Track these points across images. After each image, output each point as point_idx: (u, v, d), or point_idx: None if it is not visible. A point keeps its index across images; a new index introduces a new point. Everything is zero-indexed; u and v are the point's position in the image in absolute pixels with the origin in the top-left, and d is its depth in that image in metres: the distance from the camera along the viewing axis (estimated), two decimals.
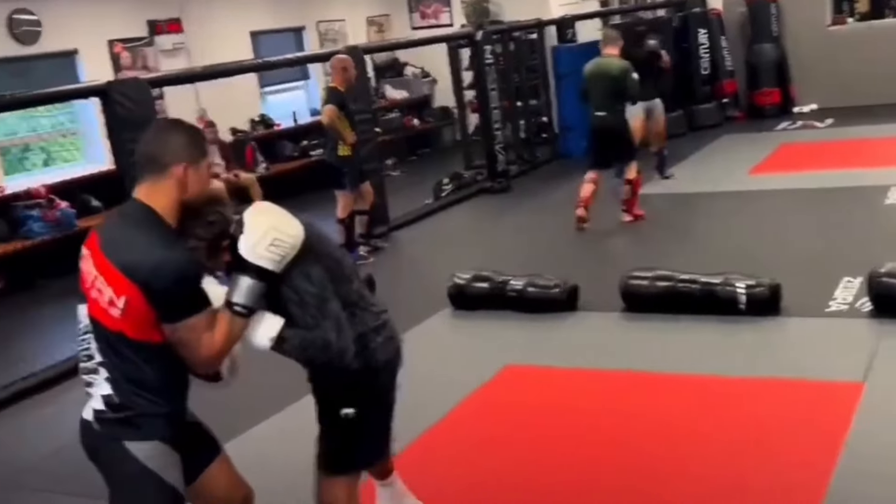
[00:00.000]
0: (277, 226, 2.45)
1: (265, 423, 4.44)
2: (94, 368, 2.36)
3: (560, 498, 3.47)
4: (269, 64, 8.53)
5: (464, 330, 5.52)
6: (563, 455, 3.77)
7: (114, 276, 2.26)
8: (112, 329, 2.29)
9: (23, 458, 4.51)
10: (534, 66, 11.17)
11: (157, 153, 2.36)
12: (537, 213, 8.48)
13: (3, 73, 8.42)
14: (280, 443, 4.17)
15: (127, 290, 2.25)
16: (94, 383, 2.35)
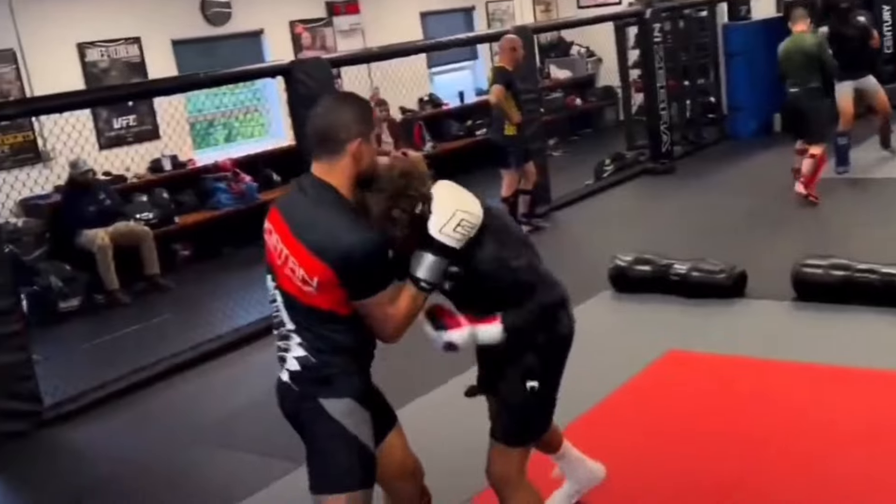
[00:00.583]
0: (463, 206, 2.54)
1: (433, 392, 4.62)
2: (287, 335, 2.48)
3: (718, 487, 3.42)
4: (441, 44, 8.73)
5: (625, 313, 5.52)
6: (722, 444, 3.71)
7: (306, 258, 2.35)
8: (305, 303, 2.40)
9: (206, 415, 4.82)
10: (703, 44, 10.91)
11: (333, 130, 2.41)
12: (703, 195, 8.33)
13: (193, 52, 9.00)
14: (447, 412, 4.35)
15: (321, 272, 2.33)
16: (289, 348, 2.48)
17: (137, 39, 8.54)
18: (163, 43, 8.70)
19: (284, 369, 2.50)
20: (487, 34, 10.24)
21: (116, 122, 8.36)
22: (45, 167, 7.51)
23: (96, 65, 8.26)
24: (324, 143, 2.44)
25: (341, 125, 2.43)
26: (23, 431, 4.74)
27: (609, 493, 3.40)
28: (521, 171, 7.40)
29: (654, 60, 9.47)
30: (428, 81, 11.40)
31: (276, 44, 9.59)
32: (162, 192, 8.18)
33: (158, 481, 4.17)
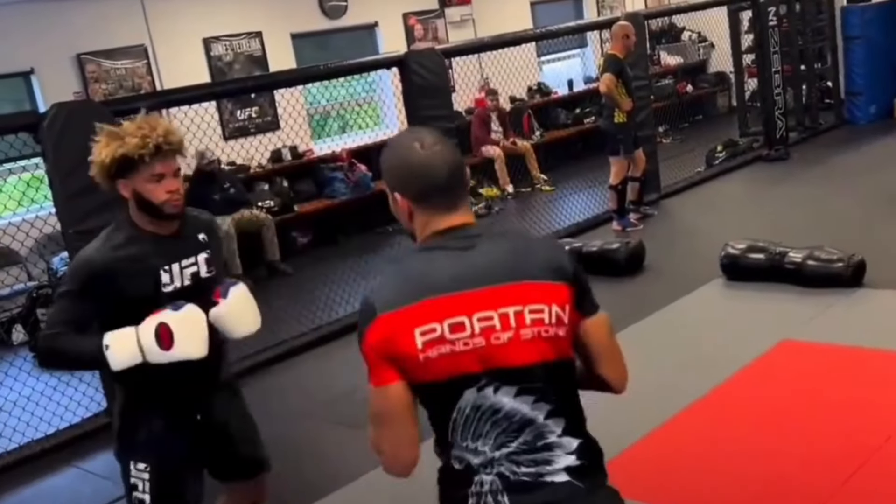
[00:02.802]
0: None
1: None
2: (542, 432, 1.82)
3: (828, 485, 3.35)
4: (551, 32, 8.76)
5: (737, 301, 5.48)
6: (836, 439, 3.65)
7: (547, 288, 1.79)
8: (560, 357, 1.83)
9: (321, 394, 5.03)
10: (820, 27, 10.62)
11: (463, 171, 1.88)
12: (819, 183, 8.15)
13: (310, 45, 9.31)
14: None
15: (565, 294, 1.81)
16: (550, 450, 1.82)
17: (259, 34, 8.90)
18: (283, 37, 9.04)
19: (551, 480, 1.79)
20: (598, 22, 10.23)
21: (240, 113, 8.75)
22: None
23: (221, 58, 8.66)
24: (462, 186, 1.86)
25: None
26: None
27: (715, 487, 3.42)
28: (630, 158, 7.41)
29: (769, 45, 9.30)
30: (537, 70, 11.45)
31: (389, 36, 9.82)
32: (282, 181, 8.51)
33: (276, 455, 4.38)
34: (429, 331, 1.71)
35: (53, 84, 7.43)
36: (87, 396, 5.21)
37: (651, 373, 4.54)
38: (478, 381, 1.74)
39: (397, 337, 1.72)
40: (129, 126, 2.50)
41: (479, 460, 1.76)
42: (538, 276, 1.78)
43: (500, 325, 1.73)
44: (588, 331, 1.87)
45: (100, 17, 7.86)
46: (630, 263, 6.25)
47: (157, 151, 2.47)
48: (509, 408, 1.75)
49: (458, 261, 1.77)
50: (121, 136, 2.48)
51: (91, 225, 4.77)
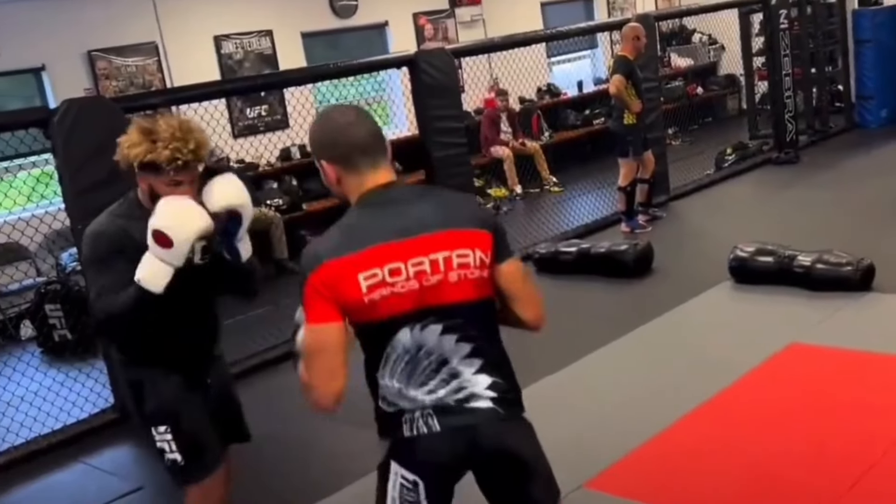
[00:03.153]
0: None
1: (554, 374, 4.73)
2: (456, 372, 2.09)
3: (835, 489, 3.34)
4: (562, 33, 8.75)
5: (746, 304, 5.47)
6: (843, 443, 3.63)
7: (471, 235, 2.04)
8: (482, 297, 2.09)
9: None
10: (831, 31, 10.60)
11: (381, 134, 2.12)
12: (829, 186, 8.12)
13: (320, 44, 9.32)
14: (560, 396, 4.46)
15: (487, 241, 2.06)
16: (465, 385, 2.09)
17: (269, 32, 8.92)
18: (293, 35, 9.06)
19: (470, 407, 2.05)
20: (608, 23, 10.21)
21: (249, 111, 8.77)
22: None
23: (231, 56, 8.68)
24: (382, 148, 2.09)
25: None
26: None
27: (722, 489, 3.42)
28: (639, 160, 7.40)
29: (779, 47, 9.28)
30: (547, 71, 11.45)
31: (399, 35, 9.83)
32: (291, 180, 8.52)
33: (283, 453, 4.40)
34: (371, 276, 1.96)
35: (64, 80, 7.45)
36: (95, 392, 5.23)
37: (659, 375, 4.55)
38: (411, 320, 1.99)
39: (343, 281, 1.95)
40: (164, 131, 2.53)
41: (407, 404, 2.03)
42: (465, 224, 2.04)
43: (430, 269, 1.99)
44: (504, 274, 2.11)
45: (111, 14, 7.89)
46: (638, 265, 6.25)
47: (185, 166, 2.55)
48: (432, 345, 2.01)
49: (394, 213, 2.02)
50: (154, 138, 2.53)
51: None
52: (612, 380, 4.62)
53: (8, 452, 4.71)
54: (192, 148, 2.55)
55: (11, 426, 4.93)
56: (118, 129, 4.85)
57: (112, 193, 4.74)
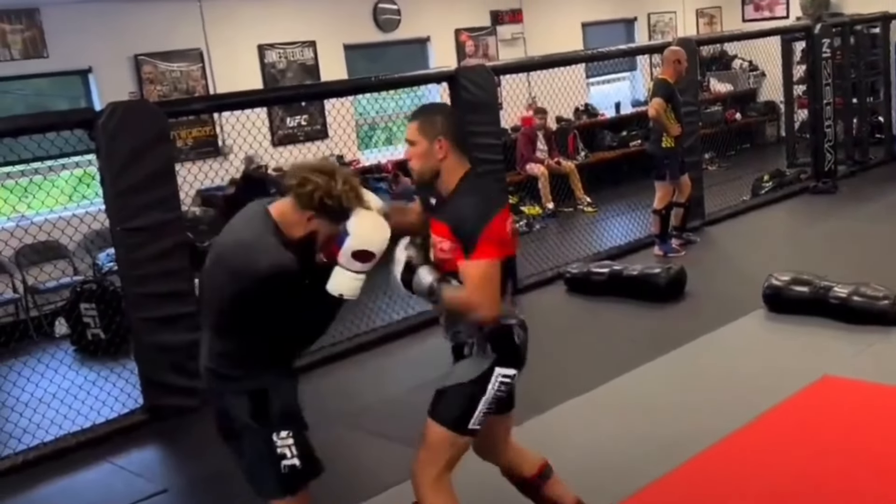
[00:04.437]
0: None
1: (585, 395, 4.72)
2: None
3: None
4: (602, 54, 8.77)
5: (779, 333, 5.42)
6: (872, 479, 3.59)
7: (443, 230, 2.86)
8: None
9: (359, 402, 5.02)
10: (874, 61, 10.51)
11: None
12: (867, 217, 8.04)
13: (361, 57, 9.40)
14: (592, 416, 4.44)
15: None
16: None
17: (313, 43, 9.00)
18: (336, 47, 9.15)
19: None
20: (649, 45, 10.20)
21: (290, 121, 8.84)
22: (223, 161, 8.03)
23: (274, 66, 8.77)
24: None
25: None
26: (192, 406, 5.01)
27: None
28: (676, 183, 7.37)
29: (821, 76, 9.22)
30: (585, 91, 11.44)
31: (440, 51, 9.89)
32: None
33: None
34: (509, 223, 2.78)
35: (110, 83, 7.57)
36: (125, 392, 5.28)
37: (689, 401, 4.52)
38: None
39: (503, 228, 2.72)
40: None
41: (514, 321, 2.84)
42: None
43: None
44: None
45: (158, 20, 8.01)
46: (671, 289, 6.21)
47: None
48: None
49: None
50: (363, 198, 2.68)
51: (139, 223, 4.87)
52: (642, 404, 4.58)
53: (37, 448, 4.76)
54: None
55: (42, 423, 4.99)
56: (161, 133, 5.00)
57: (151, 196, 4.89)
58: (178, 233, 5.14)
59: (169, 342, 5.03)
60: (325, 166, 2.65)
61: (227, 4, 8.38)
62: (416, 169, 2.80)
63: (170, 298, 5.04)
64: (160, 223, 4.97)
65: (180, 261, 5.11)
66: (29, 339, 6.87)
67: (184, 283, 5.13)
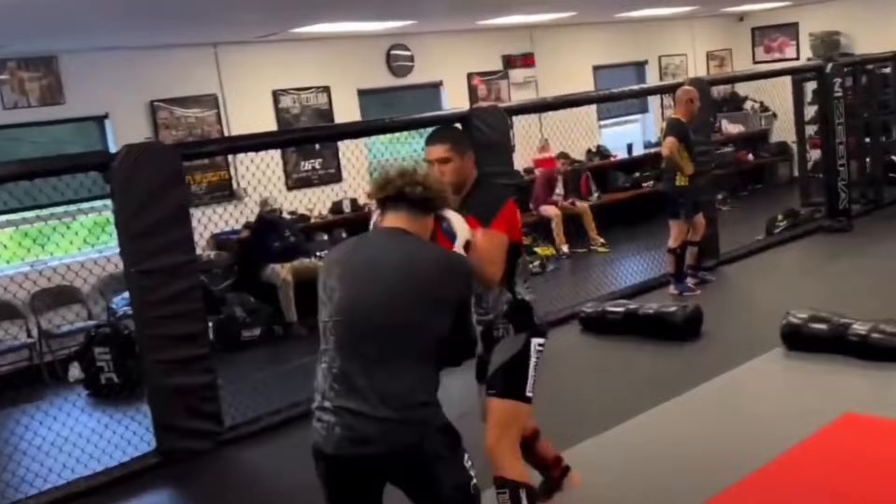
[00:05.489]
0: None
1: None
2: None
3: None
4: (614, 95, 8.81)
5: (799, 372, 5.36)
6: None
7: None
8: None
9: None
10: (886, 101, 10.52)
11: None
12: (882, 255, 7.97)
13: (375, 102, 9.48)
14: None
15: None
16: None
17: (327, 88, 9.09)
18: (350, 92, 9.22)
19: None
20: (660, 86, 10.26)
21: (304, 164, 8.89)
22: (237, 205, 8.07)
23: (289, 111, 8.84)
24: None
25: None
26: (205, 449, 5.04)
27: None
28: (690, 222, 7.35)
29: (833, 116, 9.21)
30: (597, 133, 11.48)
31: (453, 95, 9.96)
32: (341, 233, 8.58)
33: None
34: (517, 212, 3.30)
35: (126, 129, 7.64)
36: (138, 436, 5.25)
37: (707, 441, 4.45)
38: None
39: (514, 212, 3.26)
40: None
41: (536, 297, 3.42)
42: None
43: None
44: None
45: (174, 66, 8.10)
46: (687, 328, 6.16)
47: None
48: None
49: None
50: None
51: (153, 265, 4.88)
52: (659, 445, 4.52)
53: (49, 493, 4.72)
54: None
55: (54, 467, 4.97)
56: (176, 174, 5.03)
57: (165, 238, 4.90)
58: (192, 275, 5.15)
59: (182, 385, 5.01)
60: (408, 170, 2.70)
61: (243, 50, 8.48)
62: (452, 181, 3.14)
63: (184, 341, 5.03)
64: (174, 266, 4.97)
65: (194, 303, 5.11)
66: (43, 384, 6.86)
67: (197, 326, 5.13)
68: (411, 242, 2.61)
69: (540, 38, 10.86)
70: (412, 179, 2.62)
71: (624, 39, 11.88)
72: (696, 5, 10.98)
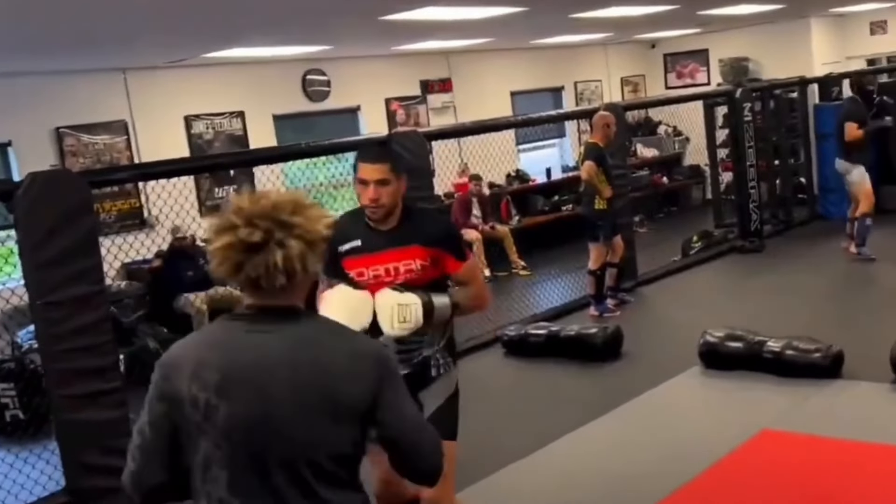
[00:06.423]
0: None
1: None
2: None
3: None
4: (532, 120, 8.89)
5: (716, 389, 5.43)
6: None
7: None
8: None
9: None
10: (793, 124, 10.86)
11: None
12: (794, 273, 8.20)
13: (291, 127, 9.38)
14: None
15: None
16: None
17: (241, 113, 8.95)
18: (265, 117, 9.10)
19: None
20: (577, 111, 10.40)
21: (218, 191, 8.72)
22: (148, 233, 7.86)
23: (201, 136, 8.67)
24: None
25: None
26: (117, 487, 4.85)
27: None
28: (609, 244, 7.43)
29: (744, 139, 9.46)
30: (516, 157, 11.57)
31: (371, 120, 9.92)
32: None
33: None
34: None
35: (30, 157, 7.37)
36: (45, 475, 5.02)
37: (629, 461, 4.46)
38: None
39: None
40: None
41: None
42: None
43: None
44: None
45: (81, 91, 7.87)
46: (608, 348, 6.20)
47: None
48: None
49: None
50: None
51: (60, 296, 4.68)
52: (582, 466, 4.51)
53: None
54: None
55: None
56: (84, 203, 4.85)
57: (72, 268, 4.72)
58: (102, 307, 4.95)
59: (93, 420, 4.80)
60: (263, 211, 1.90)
61: (153, 75, 8.30)
62: (387, 205, 2.96)
63: (93, 374, 4.82)
64: (83, 297, 4.77)
65: (104, 335, 4.92)
66: None
67: (108, 358, 4.94)
68: (307, 330, 1.91)
69: (457, 64, 10.92)
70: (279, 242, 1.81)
71: (540, 65, 12.04)
72: (610, 32, 11.20)
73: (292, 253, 1.80)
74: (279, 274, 1.80)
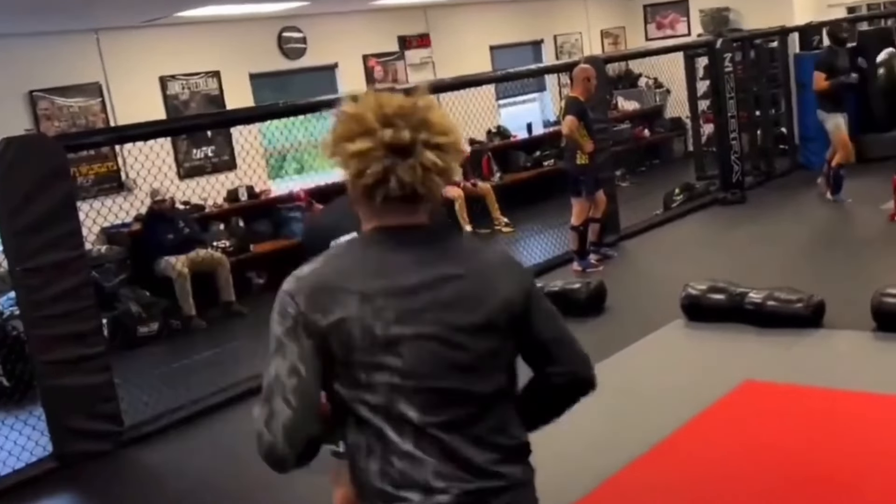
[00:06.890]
0: None
1: None
2: None
3: None
4: (511, 74, 8.81)
5: (698, 341, 5.48)
6: (798, 480, 3.63)
7: None
8: None
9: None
10: (774, 74, 10.83)
11: None
12: (776, 224, 8.23)
13: (268, 86, 9.26)
14: None
15: None
16: None
17: (217, 73, 8.82)
18: (241, 76, 8.97)
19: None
20: (557, 65, 10.32)
21: (195, 153, 8.62)
22: (127, 196, 7.77)
23: (177, 97, 8.55)
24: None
25: None
26: (104, 451, 4.87)
27: None
28: (591, 199, 7.42)
29: (724, 91, 9.44)
30: (496, 113, 11.50)
31: (349, 77, 9.80)
32: (238, 221, 8.38)
33: (232, 501, 4.25)
34: None
35: (3, 121, 7.24)
36: (32, 440, 5.01)
37: (613, 414, 4.48)
38: None
39: None
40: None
41: None
42: None
43: None
44: None
45: (54, 54, 7.71)
46: (591, 304, 6.22)
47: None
48: None
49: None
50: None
51: (39, 262, 4.66)
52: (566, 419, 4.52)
53: None
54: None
55: None
56: (60, 168, 4.80)
57: (51, 234, 4.68)
58: (82, 272, 4.94)
59: (77, 385, 4.84)
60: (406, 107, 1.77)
61: (127, 35, 8.15)
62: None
63: (76, 340, 4.85)
64: (62, 262, 4.77)
65: (85, 300, 4.93)
66: None
67: (90, 323, 4.94)
68: (456, 244, 1.78)
69: (435, 18, 10.79)
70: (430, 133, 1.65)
71: (520, 19, 11.91)
72: None
73: (445, 152, 1.64)
74: (434, 176, 1.63)
